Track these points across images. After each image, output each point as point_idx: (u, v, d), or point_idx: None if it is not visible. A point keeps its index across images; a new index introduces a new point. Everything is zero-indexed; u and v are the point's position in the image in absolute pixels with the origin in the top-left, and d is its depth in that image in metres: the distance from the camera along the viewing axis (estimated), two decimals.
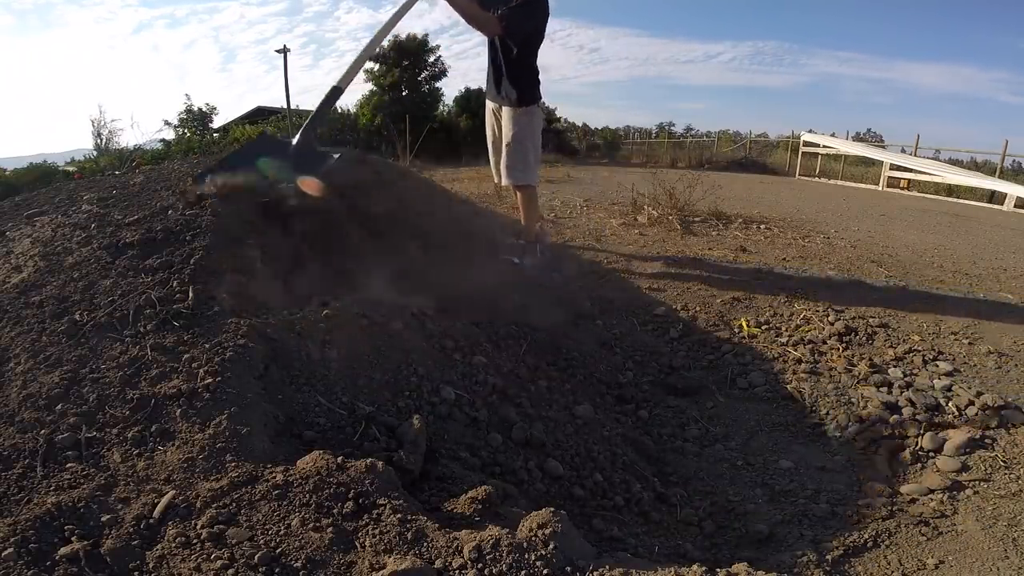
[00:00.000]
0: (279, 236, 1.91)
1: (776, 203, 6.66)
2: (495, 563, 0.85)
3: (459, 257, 2.61)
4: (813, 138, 13.91)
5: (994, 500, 1.42)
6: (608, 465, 1.50)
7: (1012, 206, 8.52)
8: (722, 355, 2.22)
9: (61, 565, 0.85)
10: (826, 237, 4.39)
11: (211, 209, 1.82)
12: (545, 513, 0.93)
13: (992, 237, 5.34)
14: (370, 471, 1.01)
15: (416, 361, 1.53)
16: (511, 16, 2.65)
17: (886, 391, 1.91)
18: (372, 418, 1.28)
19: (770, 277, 3.05)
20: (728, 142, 20.40)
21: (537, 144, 2.96)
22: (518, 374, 1.76)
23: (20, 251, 1.76)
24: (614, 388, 1.99)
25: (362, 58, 2.52)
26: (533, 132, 2.92)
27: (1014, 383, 1.95)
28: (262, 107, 19.75)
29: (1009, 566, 1.21)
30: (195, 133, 16.93)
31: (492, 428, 1.46)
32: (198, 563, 0.85)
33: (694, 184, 4.58)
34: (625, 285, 2.91)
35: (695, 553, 1.29)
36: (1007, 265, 3.90)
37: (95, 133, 12.89)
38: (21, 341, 1.34)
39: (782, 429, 1.81)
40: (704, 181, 4.79)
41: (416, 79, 17.03)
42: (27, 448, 1.06)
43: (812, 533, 1.38)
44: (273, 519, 0.92)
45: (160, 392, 1.18)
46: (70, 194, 2.28)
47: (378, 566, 0.85)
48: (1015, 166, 16.41)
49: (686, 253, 3.49)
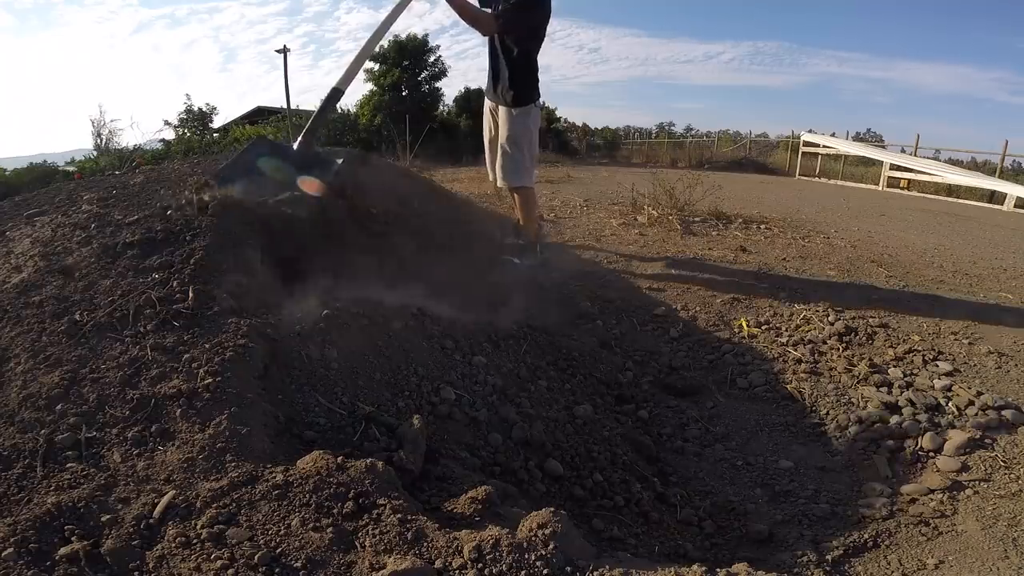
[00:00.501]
0: (279, 236, 1.90)
1: (776, 203, 6.65)
2: (495, 563, 0.85)
3: (459, 257, 2.61)
4: (813, 138, 13.91)
5: (994, 500, 1.42)
6: (608, 465, 1.50)
7: (1012, 206, 8.52)
8: (722, 355, 2.22)
9: (61, 565, 0.85)
10: (826, 237, 4.38)
11: (211, 210, 1.82)
12: (545, 513, 0.93)
13: (992, 237, 5.34)
14: (370, 471, 1.01)
15: (416, 361, 1.54)
16: (507, 15, 2.64)
17: (886, 391, 1.91)
18: (372, 418, 1.28)
19: (770, 277, 3.05)
20: (728, 142, 20.40)
21: (533, 145, 2.94)
22: (518, 374, 1.76)
23: (20, 251, 1.76)
24: (614, 388, 1.98)
25: (361, 58, 2.51)
26: (529, 133, 2.89)
27: (1014, 383, 1.95)
28: (262, 107, 19.74)
29: (1009, 566, 1.21)
30: (195, 133, 16.93)
31: (492, 428, 1.46)
32: (198, 563, 0.85)
33: (694, 184, 4.57)
34: (625, 285, 2.91)
35: (695, 553, 1.29)
36: (1007, 265, 3.90)
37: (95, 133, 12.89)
38: (21, 341, 1.34)
39: (782, 429, 1.81)
40: (704, 181, 4.79)
41: (416, 79, 17.02)
42: (27, 448, 1.06)
43: (812, 533, 1.38)
44: (273, 519, 0.92)
45: (160, 392, 1.18)
46: (70, 194, 2.27)
47: (378, 566, 0.85)
48: (1015, 166, 16.42)
49: (686, 253, 3.49)
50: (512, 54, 2.77)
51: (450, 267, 2.32)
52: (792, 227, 4.72)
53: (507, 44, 2.76)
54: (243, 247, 1.73)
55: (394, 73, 16.43)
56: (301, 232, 1.96)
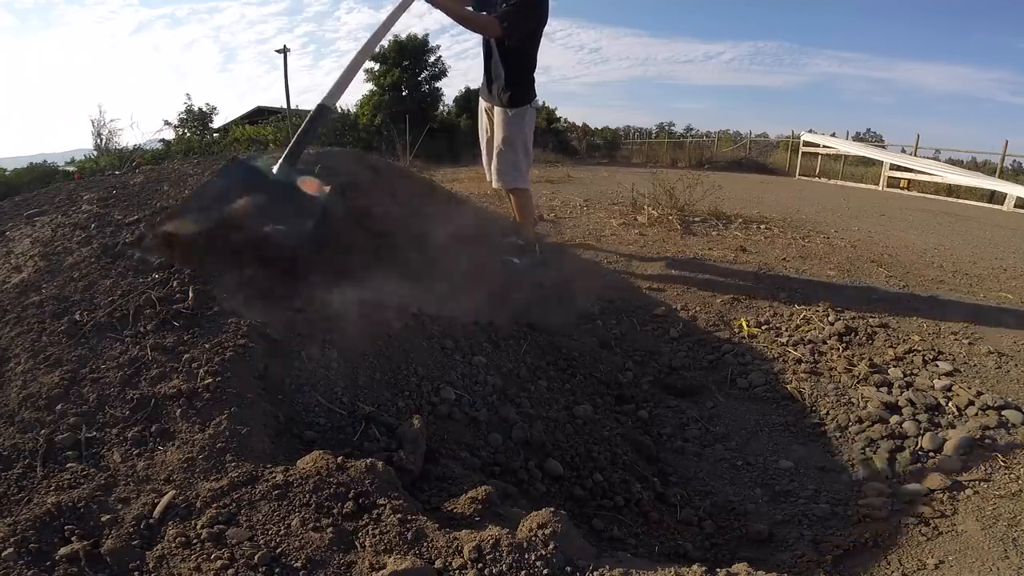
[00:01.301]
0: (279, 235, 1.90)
1: (776, 203, 6.65)
2: (495, 563, 0.85)
3: (459, 257, 2.61)
4: (813, 138, 13.91)
5: (994, 500, 1.42)
6: (608, 465, 1.50)
7: (1012, 206, 8.52)
8: (722, 355, 2.22)
9: (61, 565, 0.85)
10: (826, 237, 4.39)
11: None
12: (545, 513, 0.93)
13: (992, 237, 5.34)
14: (370, 471, 1.01)
15: (416, 361, 1.54)
16: (510, 17, 2.61)
17: (886, 391, 1.91)
18: (372, 418, 1.28)
19: (770, 277, 3.05)
20: (728, 142, 20.40)
21: (529, 146, 2.92)
22: (518, 374, 1.76)
23: (20, 251, 1.76)
24: (614, 388, 1.98)
25: (350, 72, 2.16)
26: (524, 134, 2.87)
27: (1014, 383, 1.95)
28: (262, 107, 19.74)
29: (1009, 566, 1.21)
30: (195, 133, 16.93)
31: (492, 428, 1.46)
32: (198, 563, 0.85)
33: (694, 184, 4.58)
34: (625, 285, 2.91)
35: (695, 553, 1.29)
36: (1007, 265, 3.90)
37: (95, 133, 12.89)
38: (21, 341, 1.34)
39: (782, 429, 1.81)
40: (704, 181, 4.79)
41: (416, 79, 17.02)
42: (27, 448, 1.06)
43: (812, 533, 1.38)
44: (273, 519, 0.92)
45: (160, 392, 1.18)
46: (70, 194, 2.27)
47: (378, 566, 0.85)
48: (1015, 166, 16.42)
49: (686, 253, 3.49)
50: (508, 54, 2.75)
51: (450, 267, 2.32)
52: (792, 227, 4.72)
53: (503, 45, 2.73)
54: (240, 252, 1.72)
55: (394, 73, 16.44)
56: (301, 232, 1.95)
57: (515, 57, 2.76)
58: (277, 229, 1.64)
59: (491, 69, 2.82)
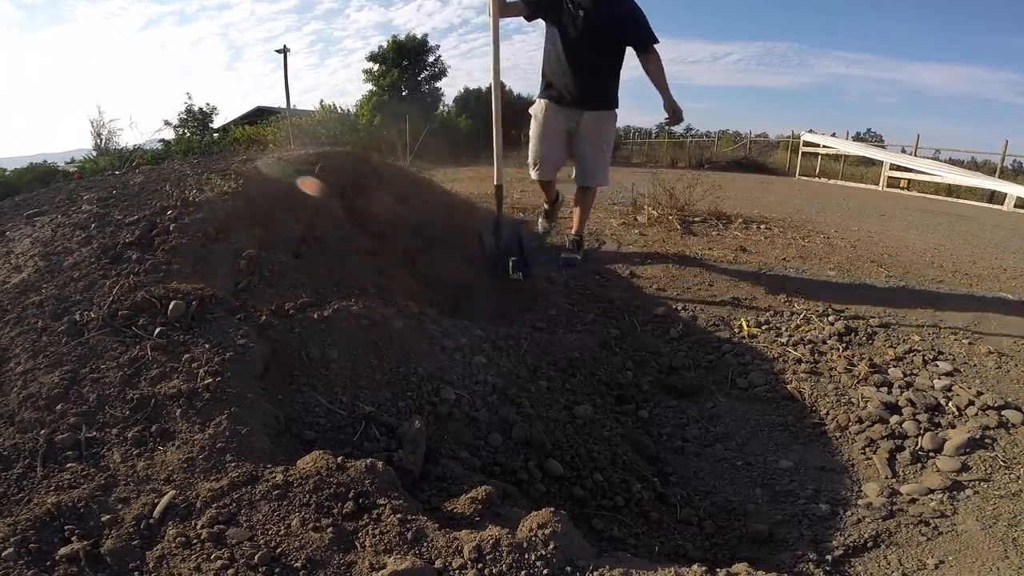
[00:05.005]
0: (279, 236, 1.91)
1: (776, 203, 6.65)
2: (495, 563, 0.85)
3: (458, 257, 2.61)
4: (813, 138, 13.91)
5: (994, 500, 1.42)
6: (608, 465, 1.50)
7: (1012, 206, 8.52)
8: (722, 355, 2.22)
9: (61, 565, 0.85)
10: (826, 237, 4.38)
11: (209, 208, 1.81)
12: (545, 513, 0.93)
13: (992, 237, 5.34)
14: (370, 471, 1.01)
15: (416, 361, 1.53)
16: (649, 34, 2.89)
17: (886, 391, 1.91)
18: (372, 418, 1.28)
19: (770, 277, 3.05)
20: (728, 142, 20.40)
21: None
22: (518, 374, 1.76)
23: (20, 251, 1.76)
24: (614, 388, 1.98)
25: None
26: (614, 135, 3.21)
27: (1014, 383, 1.95)
28: (262, 107, 19.74)
29: (1009, 566, 1.20)
30: (195, 133, 16.93)
31: (492, 428, 1.46)
32: (198, 563, 0.85)
33: (694, 184, 4.58)
34: (625, 285, 2.91)
35: (695, 553, 1.29)
36: (1007, 265, 3.90)
37: (95, 133, 12.90)
38: (21, 341, 1.34)
39: (782, 429, 1.81)
40: (704, 181, 4.79)
41: (416, 79, 17.03)
42: (27, 448, 1.06)
43: (812, 533, 1.38)
44: (273, 519, 0.92)
45: (160, 392, 1.18)
46: (70, 194, 2.27)
47: (378, 566, 0.85)
48: (1015, 166, 16.43)
49: (686, 253, 3.48)
50: (617, 61, 2.97)
51: (450, 266, 2.32)
52: (792, 227, 4.72)
53: (612, 50, 2.93)
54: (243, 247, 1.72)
55: (394, 73, 16.44)
56: (301, 232, 1.96)
57: (620, 63, 3.00)
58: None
59: (593, 73, 2.94)
